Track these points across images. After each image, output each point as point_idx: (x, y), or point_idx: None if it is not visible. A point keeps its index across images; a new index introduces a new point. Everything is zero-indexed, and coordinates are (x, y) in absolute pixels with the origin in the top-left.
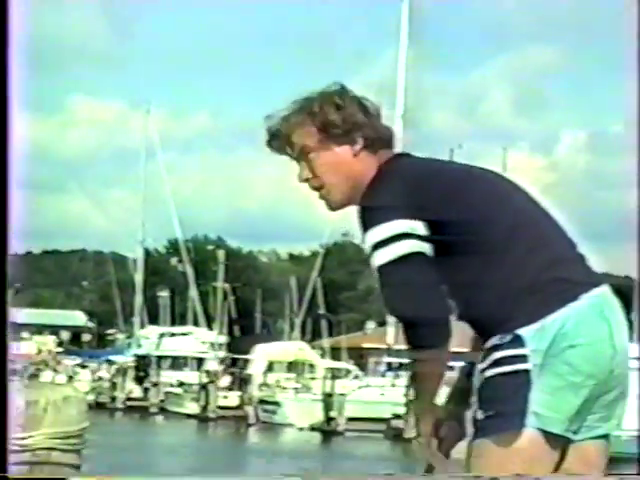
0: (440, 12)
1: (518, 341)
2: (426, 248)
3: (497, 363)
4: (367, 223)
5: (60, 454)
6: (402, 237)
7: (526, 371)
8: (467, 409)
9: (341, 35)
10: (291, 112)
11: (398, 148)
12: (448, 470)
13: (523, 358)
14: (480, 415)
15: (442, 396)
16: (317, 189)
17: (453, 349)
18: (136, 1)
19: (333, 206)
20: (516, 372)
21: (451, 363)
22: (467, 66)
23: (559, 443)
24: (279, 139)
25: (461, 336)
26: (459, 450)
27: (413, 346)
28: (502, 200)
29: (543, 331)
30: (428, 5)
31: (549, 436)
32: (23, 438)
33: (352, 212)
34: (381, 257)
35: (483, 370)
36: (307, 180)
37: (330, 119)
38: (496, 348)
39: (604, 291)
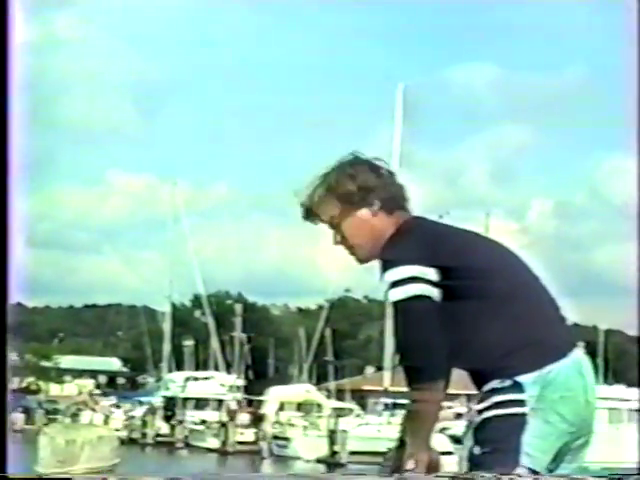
0: (428, 97)
1: (518, 387)
2: (435, 293)
3: (497, 405)
4: (385, 266)
5: None
6: (414, 280)
7: (523, 414)
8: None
9: (346, 115)
10: (314, 189)
11: None
12: None
13: (521, 403)
14: (477, 451)
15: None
16: (348, 249)
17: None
18: (159, 87)
19: (361, 260)
20: (514, 415)
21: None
22: (450, 143)
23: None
24: (311, 214)
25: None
26: None
27: (412, 381)
28: (504, 260)
29: (539, 380)
30: (418, 90)
31: (533, 473)
32: (63, 472)
33: (353, 271)
34: (394, 295)
35: (481, 411)
36: (339, 243)
37: (347, 190)
38: (496, 392)
39: (581, 351)
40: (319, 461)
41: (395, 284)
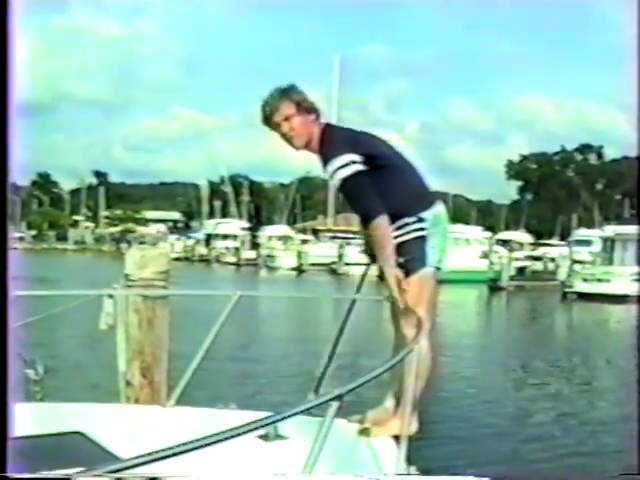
0: (350, 63)
1: (421, 220)
2: (361, 167)
3: (408, 233)
4: (328, 158)
5: (158, 281)
6: (349, 164)
7: (424, 237)
8: None
9: (300, 74)
10: (276, 96)
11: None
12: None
13: (423, 229)
14: (401, 260)
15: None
16: (290, 138)
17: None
18: (196, 58)
19: (297, 147)
20: (420, 236)
21: None
22: (361, 91)
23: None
24: (272, 112)
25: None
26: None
27: (366, 221)
28: (393, 146)
29: (432, 215)
30: (345, 59)
31: (434, 269)
32: (140, 273)
33: (311, 162)
34: (340, 174)
35: (398, 236)
36: (288, 131)
37: (300, 98)
38: (408, 224)
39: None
40: (292, 269)
41: (339, 168)
